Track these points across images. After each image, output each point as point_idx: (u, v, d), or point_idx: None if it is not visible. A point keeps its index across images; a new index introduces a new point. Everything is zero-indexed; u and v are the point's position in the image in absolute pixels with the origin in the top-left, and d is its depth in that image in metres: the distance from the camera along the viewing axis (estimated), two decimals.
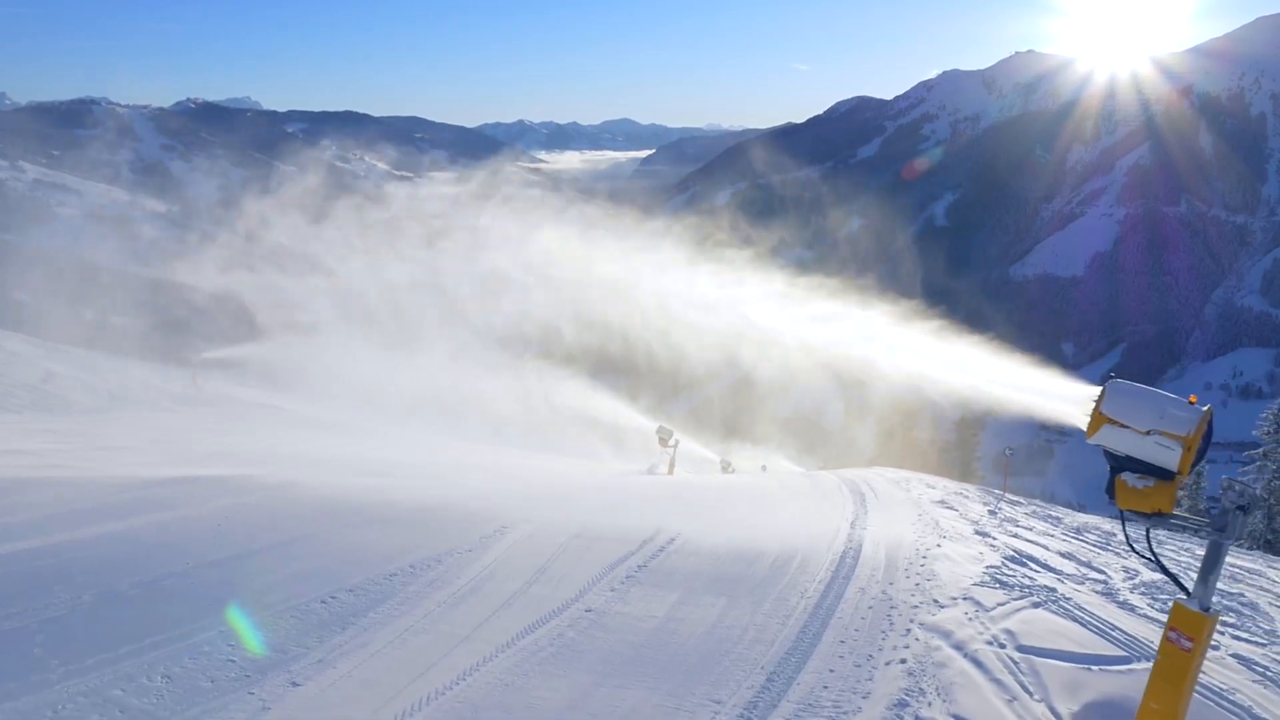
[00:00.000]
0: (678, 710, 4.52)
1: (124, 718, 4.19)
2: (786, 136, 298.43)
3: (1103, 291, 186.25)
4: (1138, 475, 4.45)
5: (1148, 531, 4.64)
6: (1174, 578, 4.64)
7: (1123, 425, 4.38)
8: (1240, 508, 4.34)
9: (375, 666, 4.86)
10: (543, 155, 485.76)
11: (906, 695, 4.69)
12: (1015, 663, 5.28)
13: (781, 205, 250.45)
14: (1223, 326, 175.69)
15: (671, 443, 26.46)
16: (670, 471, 22.19)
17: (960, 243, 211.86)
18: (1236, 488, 4.36)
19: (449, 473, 11.01)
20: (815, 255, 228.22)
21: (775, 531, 7.77)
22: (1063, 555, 7.78)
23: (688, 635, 5.43)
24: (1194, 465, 4.35)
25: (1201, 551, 9.63)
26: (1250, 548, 16.57)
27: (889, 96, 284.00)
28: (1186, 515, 4.48)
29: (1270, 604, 7.19)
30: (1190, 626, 4.45)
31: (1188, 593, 4.53)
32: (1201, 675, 5.52)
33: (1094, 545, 8.57)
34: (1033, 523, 9.20)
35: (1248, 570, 8.62)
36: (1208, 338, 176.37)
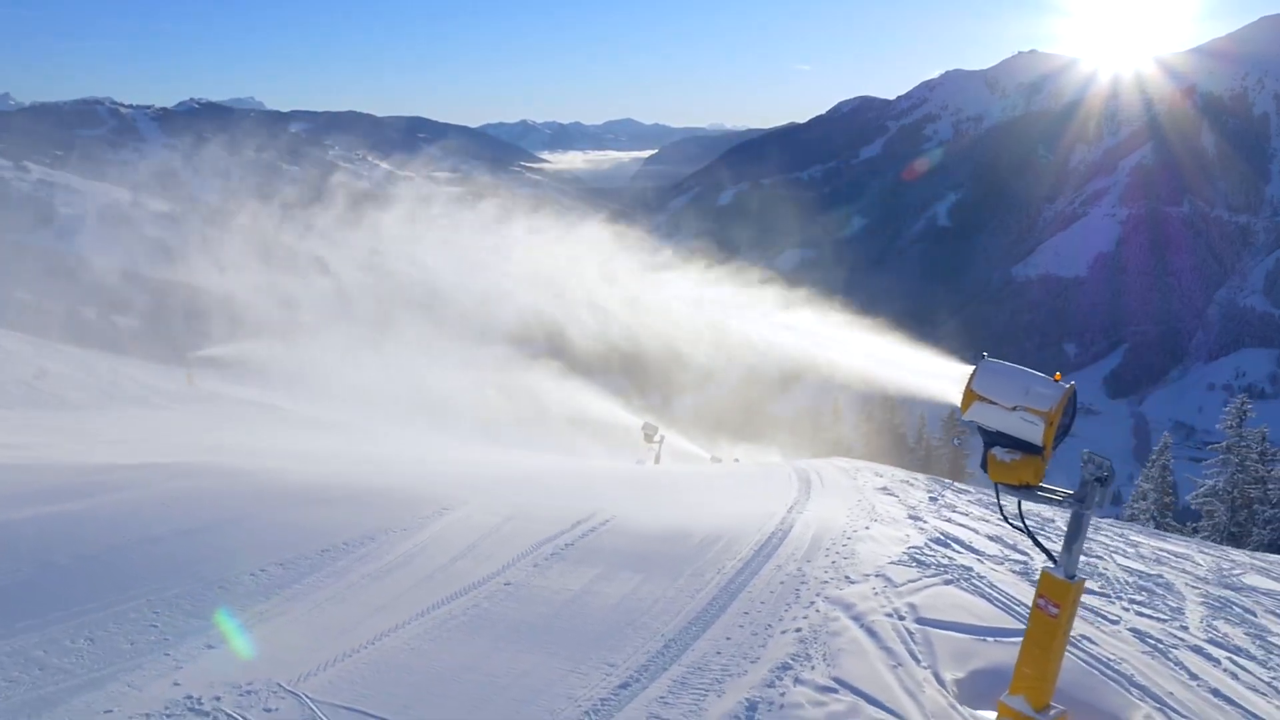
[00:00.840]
0: (572, 672, 4.77)
1: (41, 674, 4.44)
2: (789, 136, 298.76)
3: (1105, 292, 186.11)
4: (1006, 450, 4.69)
5: (1019, 503, 4.88)
6: (1043, 547, 4.88)
7: (991, 402, 4.61)
8: (1099, 479, 4.57)
9: (290, 631, 5.11)
10: (545, 155, 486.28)
11: (792, 660, 4.92)
12: (910, 633, 5.51)
13: (783, 205, 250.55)
14: (1225, 327, 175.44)
15: (656, 439, 26.73)
16: (657, 463, 22.53)
17: (962, 243, 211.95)
18: (1096, 460, 4.59)
19: (414, 464, 11.26)
20: (816, 255, 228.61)
21: (711, 514, 8.00)
22: (990, 538, 8.01)
23: (598, 607, 5.67)
24: (1058, 441, 4.58)
25: (1140, 538, 9.86)
26: (1220, 541, 16.78)
27: (892, 96, 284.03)
28: (1052, 488, 4.70)
29: (1186, 585, 7.42)
30: (1057, 593, 4.67)
31: (1055, 561, 4.76)
32: (1093, 646, 5.77)
33: (1011, 524, 8.80)
34: (971, 509, 9.42)
35: (1176, 554, 8.84)
36: (1210, 338, 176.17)
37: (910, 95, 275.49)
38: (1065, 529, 4.58)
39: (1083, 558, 7.81)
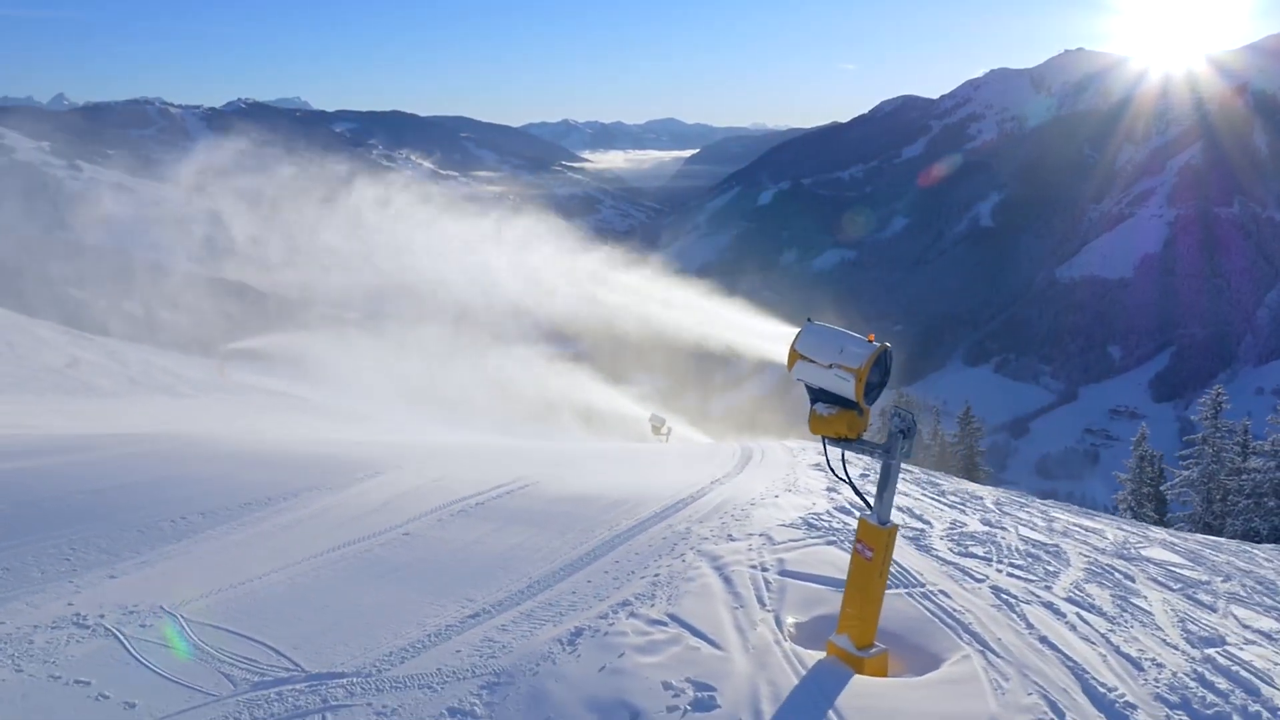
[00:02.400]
0: (431, 604, 5.24)
1: None
2: (831, 136, 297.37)
3: (1152, 294, 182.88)
4: (826, 405, 5.09)
5: (843, 454, 5.28)
6: (861, 495, 5.27)
7: (811, 360, 5.01)
8: (902, 432, 4.97)
9: (188, 568, 5.65)
10: (587, 155, 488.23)
11: (635, 598, 5.35)
12: (767, 582, 5.92)
13: (823, 205, 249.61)
14: (1276, 330, 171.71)
15: (664, 430, 27.19)
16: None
17: (1005, 244, 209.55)
18: (901, 414, 4.99)
19: (378, 438, 11.81)
20: (856, 255, 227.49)
21: (633, 482, 8.42)
22: (900, 509, 8.35)
23: (481, 554, 6.14)
24: (871, 397, 4.97)
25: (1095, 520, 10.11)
26: (1194, 531, 16.84)
27: (935, 96, 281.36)
28: (865, 441, 5.10)
29: (1079, 554, 7.71)
30: (872, 538, 5.07)
31: (870, 508, 5.16)
32: (946, 599, 6.13)
33: (946, 505, 9.12)
34: (907, 488, 9.75)
35: (1089, 529, 9.11)
36: (1260, 342, 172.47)
37: (954, 94, 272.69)
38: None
39: (986, 529, 8.17)
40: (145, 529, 6.21)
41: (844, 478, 5.26)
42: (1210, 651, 5.72)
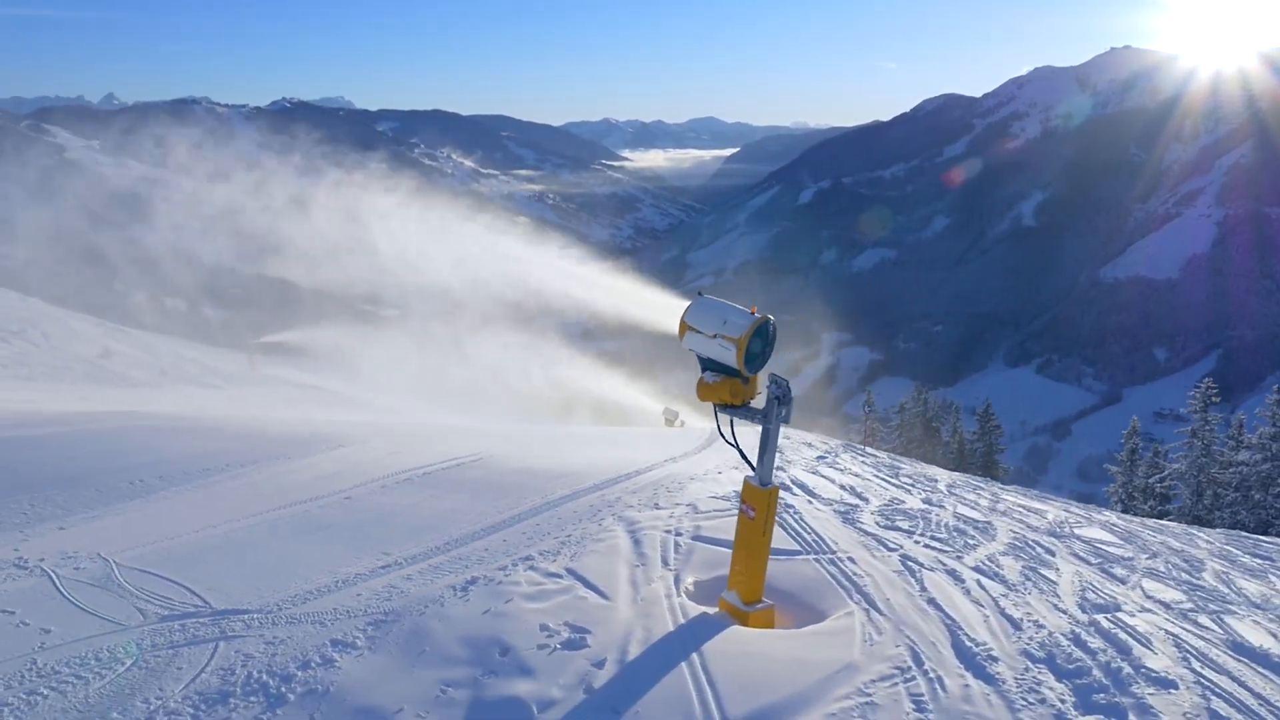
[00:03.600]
0: (349, 556, 5.64)
1: None
2: (872, 135, 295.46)
3: (1199, 295, 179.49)
4: (713, 374, 5.41)
5: (731, 421, 5.60)
6: (746, 460, 5.57)
7: (698, 331, 5.34)
8: (777, 398, 5.28)
9: (135, 522, 6.10)
10: (627, 154, 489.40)
11: (540, 554, 5.72)
12: (677, 545, 6.25)
13: (864, 204, 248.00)
14: None
15: (677, 423, 27.51)
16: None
17: (1049, 243, 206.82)
18: (778, 382, 5.30)
19: (361, 418, 12.27)
20: (896, 255, 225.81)
21: (587, 458, 8.77)
22: (842, 487, 8.62)
23: (412, 516, 6.53)
24: (755, 367, 5.28)
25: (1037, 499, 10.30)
26: (1182, 521, 16.81)
27: (978, 94, 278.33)
28: (748, 407, 5.40)
29: (1008, 529, 7.94)
30: (754, 499, 5.39)
31: (754, 470, 5.47)
32: (851, 565, 6.42)
33: (895, 485, 9.36)
34: (861, 469, 10.01)
35: (1030, 509, 9.31)
36: None
37: (997, 93, 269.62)
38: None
39: (924, 507, 8.43)
40: (102, 489, 6.68)
41: (732, 442, 5.57)
42: (1099, 616, 5.95)
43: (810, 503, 7.83)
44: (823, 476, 9.00)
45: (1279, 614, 6.58)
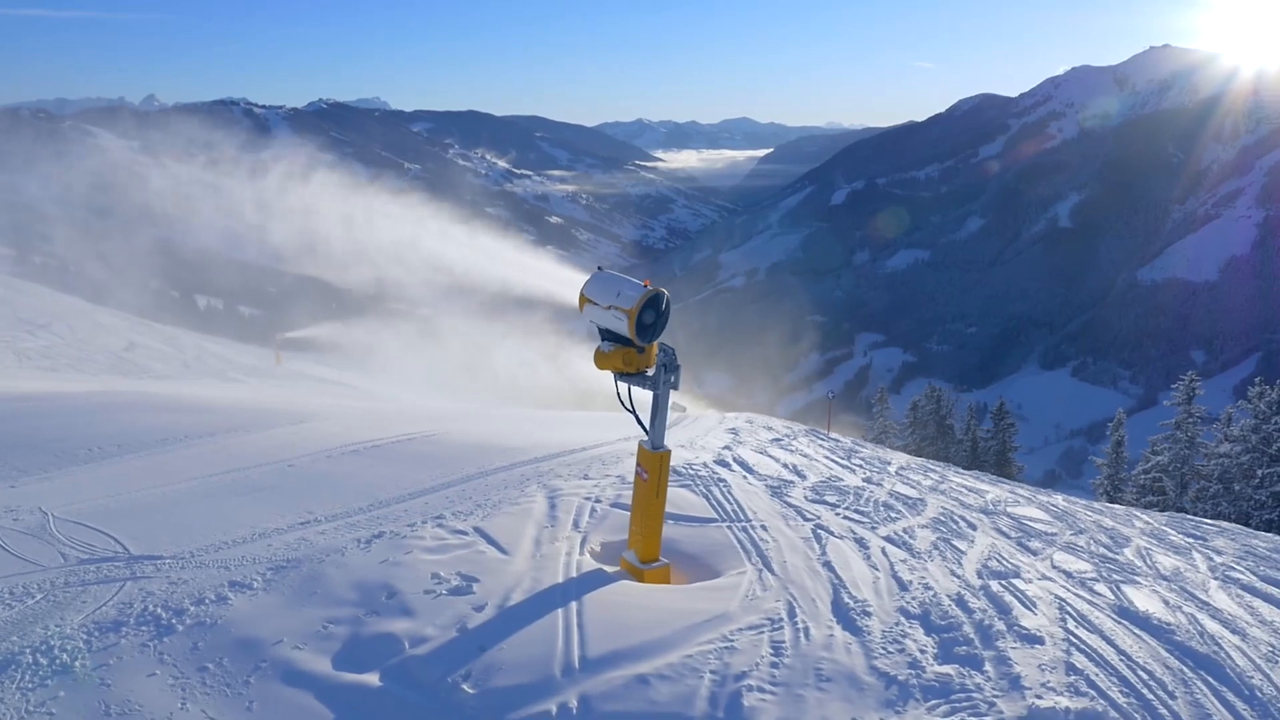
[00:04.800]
0: (273, 515, 6.02)
1: None
2: (907, 135, 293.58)
3: (1238, 298, 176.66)
4: (609, 343, 5.71)
5: (629, 388, 5.89)
6: (640, 422, 5.86)
7: (596, 304, 5.65)
8: (664, 365, 5.58)
9: (83, 483, 6.52)
10: (660, 154, 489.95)
11: (452, 515, 6.05)
12: (593, 511, 6.56)
13: (898, 204, 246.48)
14: None
15: (675, 411, 27.81)
16: None
17: (1085, 245, 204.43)
18: (665, 350, 5.60)
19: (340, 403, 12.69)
20: (930, 256, 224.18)
21: (539, 437, 9.09)
22: (785, 466, 8.89)
23: (347, 482, 6.89)
24: (647, 336, 5.57)
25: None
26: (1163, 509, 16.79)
27: (1014, 94, 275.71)
28: (640, 374, 5.70)
29: (939, 506, 8.15)
30: (647, 462, 5.69)
31: (648, 434, 5.77)
32: (764, 533, 6.69)
33: (841, 465, 9.61)
34: (814, 451, 10.25)
35: (972, 489, 9.50)
36: None
37: (1033, 93, 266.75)
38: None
39: (862, 485, 8.68)
40: (60, 455, 7.12)
41: (629, 408, 5.87)
42: (992, 582, 6.18)
43: (745, 478, 8.10)
44: (769, 456, 9.26)
45: (1182, 585, 6.77)
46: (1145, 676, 4.97)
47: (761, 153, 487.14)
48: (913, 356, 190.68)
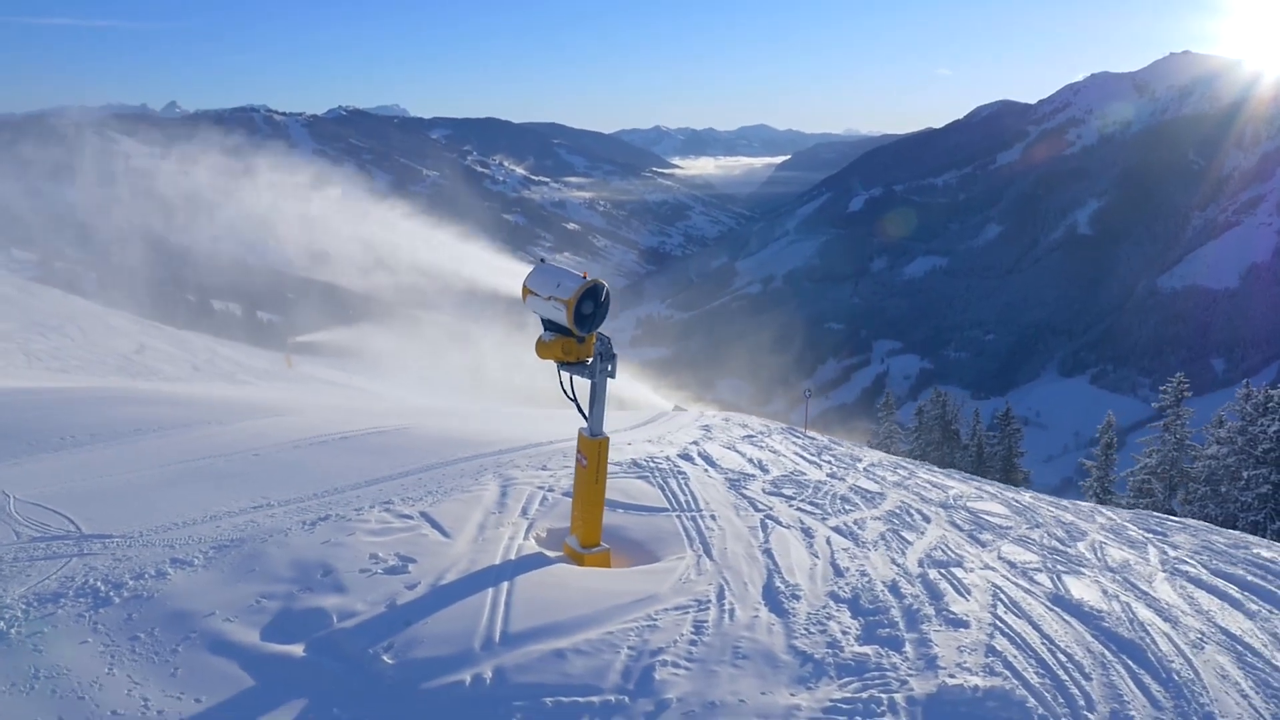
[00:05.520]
0: (229, 500, 6.20)
1: None
2: (924, 142, 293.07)
3: (1260, 305, 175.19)
4: (550, 333, 5.88)
5: (570, 377, 6.05)
6: (580, 410, 6.01)
7: (537, 295, 5.82)
8: (600, 354, 5.74)
9: (49, 470, 6.74)
10: (677, 161, 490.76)
11: (401, 500, 6.23)
12: (545, 499, 6.72)
13: (915, 211, 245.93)
14: None
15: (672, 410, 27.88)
16: None
17: (1104, 252, 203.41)
18: (602, 339, 5.76)
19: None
20: (948, 263, 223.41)
21: (506, 432, 9.24)
22: (750, 460, 9.01)
23: (308, 471, 7.07)
24: (586, 327, 5.73)
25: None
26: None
27: (1033, 100, 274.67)
28: (579, 363, 5.86)
29: (897, 499, 8.25)
30: (586, 448, 5.85)
31: (588, 421, 5.93)
32: (711, 522, 6.83)
33: (808, 461, 9.72)
34: (784, 447, 10.37)
35: (937, 484, 9.59)
36: None
37: (1052, 99, 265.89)
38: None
39: (824, 480, 8.80)
40: (34, 443, 7.35)
41: (571, 397, 6.03)
42: (932, 570, 6.28)
43: (706, 471, 8.24)
44: (737, 451, 9.39)
45: (1127, 577, 6.85)
46: (1064, 659, 5.07)
47: (779, 159, 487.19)
48: (930, 364, 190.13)
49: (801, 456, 9.85)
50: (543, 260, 6.05)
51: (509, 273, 8.55)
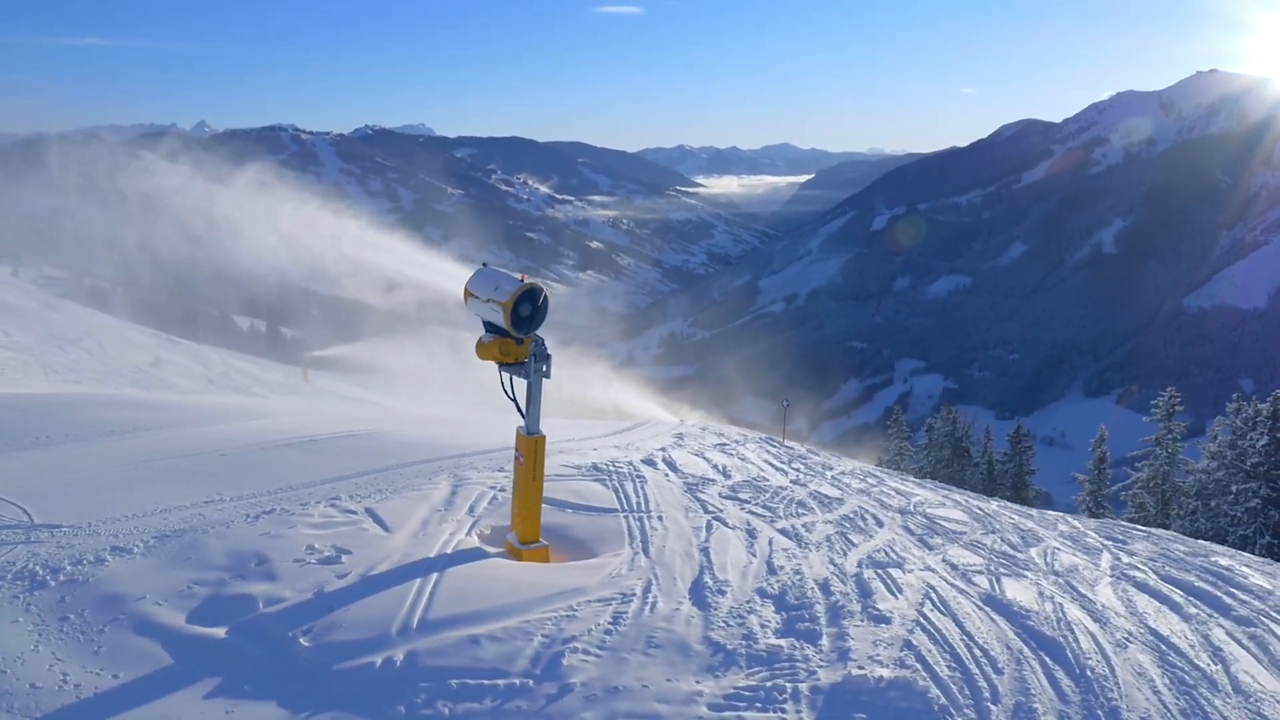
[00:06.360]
0: (184, 494, 6.41)
1: None
2: (948, 161, 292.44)
3: None
4: (490, 335, 6.07)
5: (511, 377, 6.22)
6: (519, 409, 6.18)
7: (477, 297, 6.02)
8: (535, 355, 5.92)
9: (17, 466, 6.98)
10: (701, 180, 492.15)
11: (349, 496, 6.42)
12: (495, 499, 6.89)
13: (939, 230, 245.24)
14: None
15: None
16: None
17: (1130, 271, 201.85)
18: (538, 341, 5.94)
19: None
20: (972, 282, 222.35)
21: (484, 437, 9.42)
22: (714, 466, 9.14)
23: (268, 470, 7.27)
24: (524, 328, 5.92)
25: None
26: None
27: (1058, 119, 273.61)
28: (517, 364, 6.03)
29: (856, 503, 8.36)
30: (523, 446, 6.02)
31: (525, 419, 6.10)
32: (657, 521, 6.97)
33: (775, 468, 9.83)
34: (754, 455, 10.49)
35: (903, 492, 9.66)
36: None
37: (1077, 118, 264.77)
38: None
39: (785, 485, 8.92)
40: (11, 442, 7.61)
41: (510, 395, 6.21)
42: (868, 570, 6.39)
43: (667, 476, 8.39)
44: (704, 458, 9.52)
45: (1069, 580, 6.92)
46: (980, 654, 5.17)
47: (803, 178, 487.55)
48: (954, 383, 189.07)
49: (770, 464, 9.97)
50: (484, 265, 6.26)
51: (444, 272, 8.76)
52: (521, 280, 5.89)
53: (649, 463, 8.80)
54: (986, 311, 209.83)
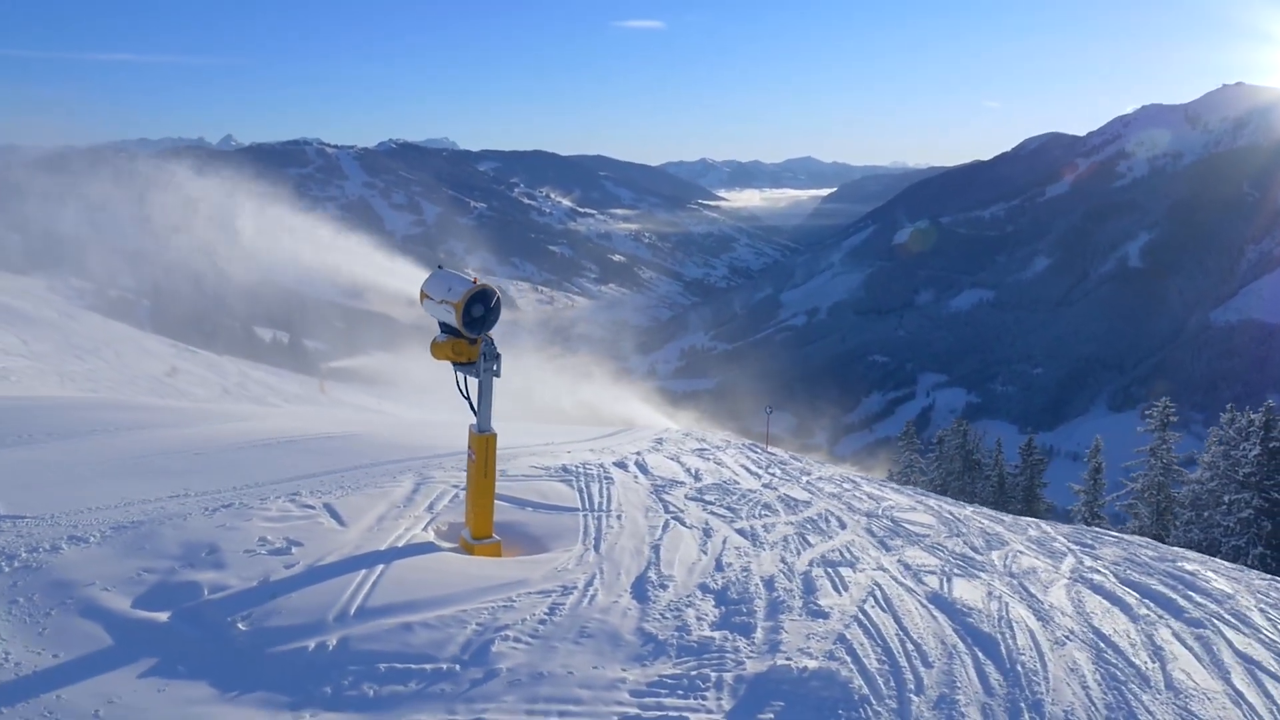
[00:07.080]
0: (151, 489, 6.59)
1: None
2: (972, 174, 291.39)
3: None
4: (444, 335, 6.23)
5: (465, 377, 6.37)
6: (472, 407, 6.33)
7: (431, 298, 6.19)
8: (484, 354, 6.08)
9: (10, 462, 7.20)
10: (723, 193, 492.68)
11: (310, 492, 6.59)
12: (456, 497, 7.03)
13: (962, 243, 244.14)
14: None
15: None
16: None
17: (1156, 285, 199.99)
18: (489, 341, 6.09)
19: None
20: (995, 295, 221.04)
21: (445, 442, 9.52)
22: (686, 469, 9.26)
23: (238, 468, 7.45)
24: (476, 329, 6.08)
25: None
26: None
27: (1082, 133, 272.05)
28: (469, 363, 6.19)
29: (823, 506, 8.45)
30: (474, 443, 6.18)
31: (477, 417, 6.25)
32: (614, 520, 7.10)
33: (749, 471, 9.93)
34: (730, 460, 10.58)
35: (875, 496, 9.73)
36: None
37: (1102, 131, 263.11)
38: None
39: (754, 489, 9.02)
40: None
41: (464, 394, 6.36)
42: (818, 569, 6.48)
43: (636, 478, 8.51)
44: (679, 462, 9.64)
45: (1023, 582, 6.97)
46: (911, 649, 5.26)
47: (825, 192, 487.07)
48: (977, 397, 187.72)
49: (746, 469, 10.07)
50: (440, 267, 6.43)
51: (399, 273, 8.96)
52: (474, 282, 6.06)
53: (620, 465, 8.93)
54: (1010, 325, 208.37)
